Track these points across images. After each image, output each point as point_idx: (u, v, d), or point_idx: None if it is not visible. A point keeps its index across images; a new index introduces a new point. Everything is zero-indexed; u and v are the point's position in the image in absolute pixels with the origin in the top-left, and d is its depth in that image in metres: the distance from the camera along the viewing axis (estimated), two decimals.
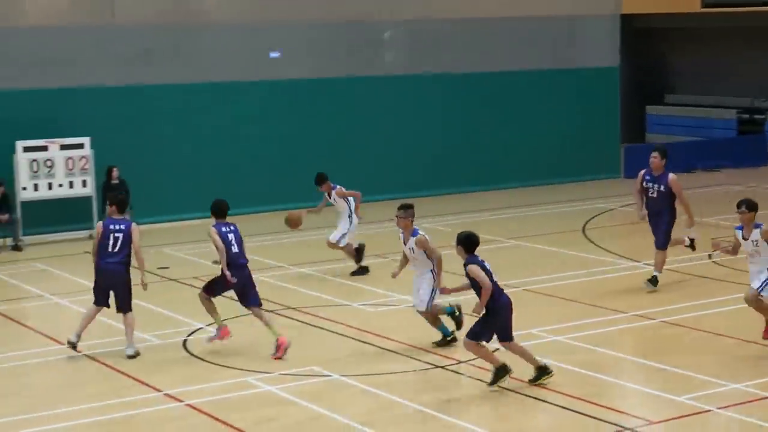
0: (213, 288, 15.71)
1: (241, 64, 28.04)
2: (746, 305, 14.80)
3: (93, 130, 25.34)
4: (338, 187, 20.46)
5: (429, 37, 30.38)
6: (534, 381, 13.65)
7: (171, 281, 20.37)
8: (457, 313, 15.55)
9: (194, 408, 13.17)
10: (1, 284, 20.74)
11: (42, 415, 13.08)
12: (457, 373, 14.40)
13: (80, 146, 25.08)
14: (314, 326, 16.87)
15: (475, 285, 13.44)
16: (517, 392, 13.47)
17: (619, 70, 33.03)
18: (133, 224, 15.54)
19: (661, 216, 18.46)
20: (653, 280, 18.46)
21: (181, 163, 26.88)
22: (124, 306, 15.50)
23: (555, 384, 13.58)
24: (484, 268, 13.40)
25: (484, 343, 13.51)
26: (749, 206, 14.79)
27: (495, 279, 13.43)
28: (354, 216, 20.34)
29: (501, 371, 13.55)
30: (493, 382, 13.56)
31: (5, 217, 23.91)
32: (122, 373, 14.66)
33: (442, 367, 14.53)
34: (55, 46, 25.95)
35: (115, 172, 25.17)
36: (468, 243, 13.61)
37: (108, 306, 15.57)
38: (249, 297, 15.52)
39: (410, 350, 15.34)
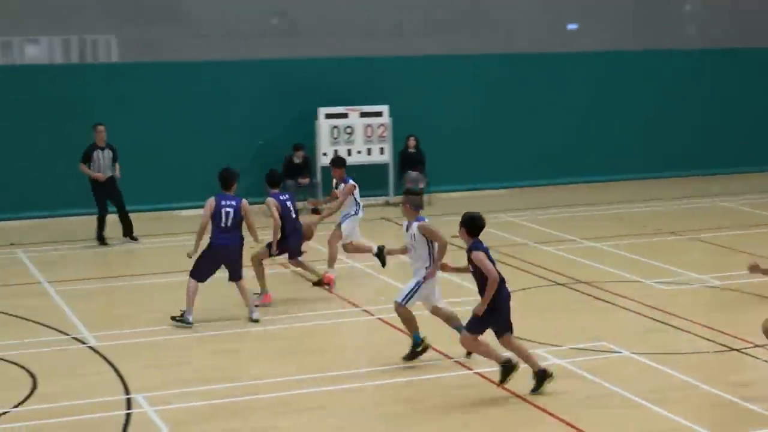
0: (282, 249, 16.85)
1: (537, 36, 27.91)
2: None
3: (392, 98, 25.82)
4: (350, 182, 18.41)
5: (730, 10, 29.38)
6: (535, 390, 12.46)
7: (463, 249, 20.44)
8: (419, 349, 13.77)
9: (483, 377, 13.24)
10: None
11: (338, 375, 13.44)
12: (754, 357, 13.92)
13: (379, 114, 25.62)
14: (606, 301, 16.67)
15: (476, 274, 12.37)
16: None
17: None
18: (244, 201, 15.76)
19: None
20: None
21: (477, 134, 27.00)
22: (237, 275, 15.87)
23: None
24: (488, 257, 12.38)
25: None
26: None
27: (497, 268, 12.48)
28: (361, 210, 18.48)
29: (508, 367, 12.47)
30: (502, 380, 12.51)
31: (306, 180, 24.73)
32: None
33: (737, 350, 14.09)
34: (357, 16, 26.54)
35: (412, 141, 25.58)
36: (471, 225, 12.49)
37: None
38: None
39: (703, 330, 14.96)
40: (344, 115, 25.42)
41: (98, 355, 14.40)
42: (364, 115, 25.55)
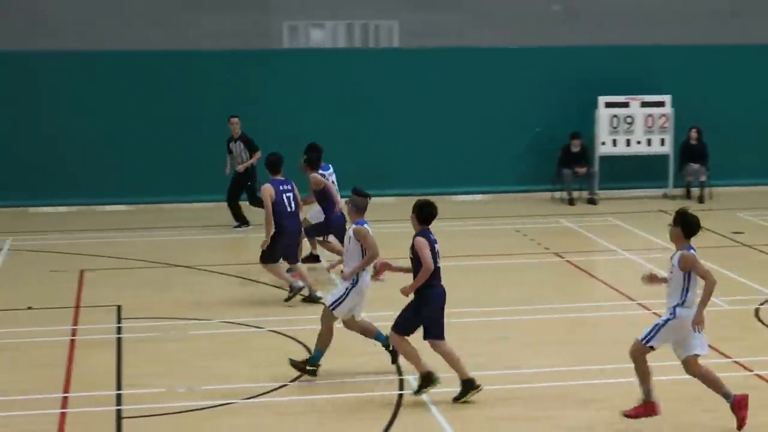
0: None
1: None
2: None
3: (675, 88, 25.22)
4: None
5: None
6: (458, 398, 12.11)
7: (745, 247, 19.91)
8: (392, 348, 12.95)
9: (763, 379, 12.77)
10: (575, 235, 21.24)
11: (595, 369, 13.18)
12: None
13: (661, 104, 25.09)
14: None
15: (415, 263, 11.99)
16: None
17: None
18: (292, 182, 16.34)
19: None
20: None
21: (762, 127, 26.04)
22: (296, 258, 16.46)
23: None
24: (432, 248, 11.94)
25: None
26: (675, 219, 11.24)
27: (439, 264, 12.03)
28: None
29: (427, 380, 12.17)
30: (418, 390, 12.22)
31: (583, 169, 24.46)
32: None
33: None
34: (638, 4, 26.24)
35: (694, 133, 24.94)
36: (422, 213, 12.03)
37: None
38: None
39: None
40: (625, 104, 25.00)
41: None
42: (645, 104, 25.06)
